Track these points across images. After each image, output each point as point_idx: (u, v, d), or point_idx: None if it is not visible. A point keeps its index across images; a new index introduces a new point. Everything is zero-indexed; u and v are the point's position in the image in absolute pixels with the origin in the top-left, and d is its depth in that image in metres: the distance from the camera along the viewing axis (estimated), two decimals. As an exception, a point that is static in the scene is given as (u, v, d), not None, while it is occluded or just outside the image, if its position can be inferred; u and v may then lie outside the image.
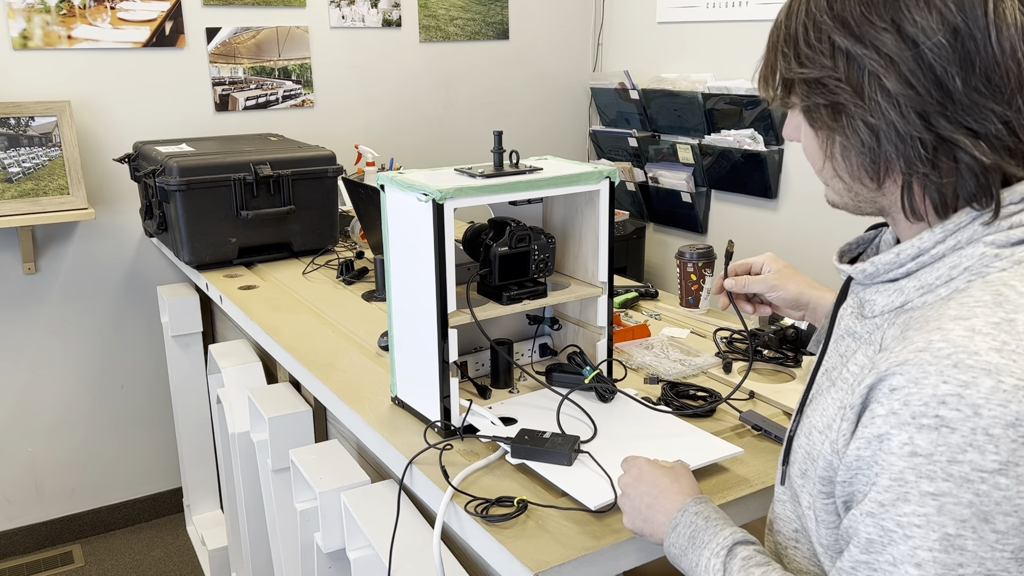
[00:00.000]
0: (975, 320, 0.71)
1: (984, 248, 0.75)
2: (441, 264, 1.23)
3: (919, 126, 0.75)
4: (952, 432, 0.67)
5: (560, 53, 3.46)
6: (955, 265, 0.76)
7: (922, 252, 0.78)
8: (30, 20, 2.47)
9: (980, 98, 0.73)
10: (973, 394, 0.67)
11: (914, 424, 0.68)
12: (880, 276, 0.82)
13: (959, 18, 0.73)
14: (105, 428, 2.87)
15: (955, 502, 0.67)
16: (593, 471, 1.16)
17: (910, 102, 0.74)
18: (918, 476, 0.68)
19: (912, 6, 0.74)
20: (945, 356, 0.69)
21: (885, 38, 0.74)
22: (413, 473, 1.23)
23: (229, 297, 2.07)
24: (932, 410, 0.68)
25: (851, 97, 0.77)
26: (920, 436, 0.68)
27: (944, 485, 0.67)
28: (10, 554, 2.80)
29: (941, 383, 0.68)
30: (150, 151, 2.36)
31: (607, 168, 1.38)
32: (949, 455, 0.67)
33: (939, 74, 0.73)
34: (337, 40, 2.96)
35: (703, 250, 1.88)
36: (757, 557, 0.88)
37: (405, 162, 3.16)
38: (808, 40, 0.79)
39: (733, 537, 0.90)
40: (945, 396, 0.67)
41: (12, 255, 2.60)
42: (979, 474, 0.66)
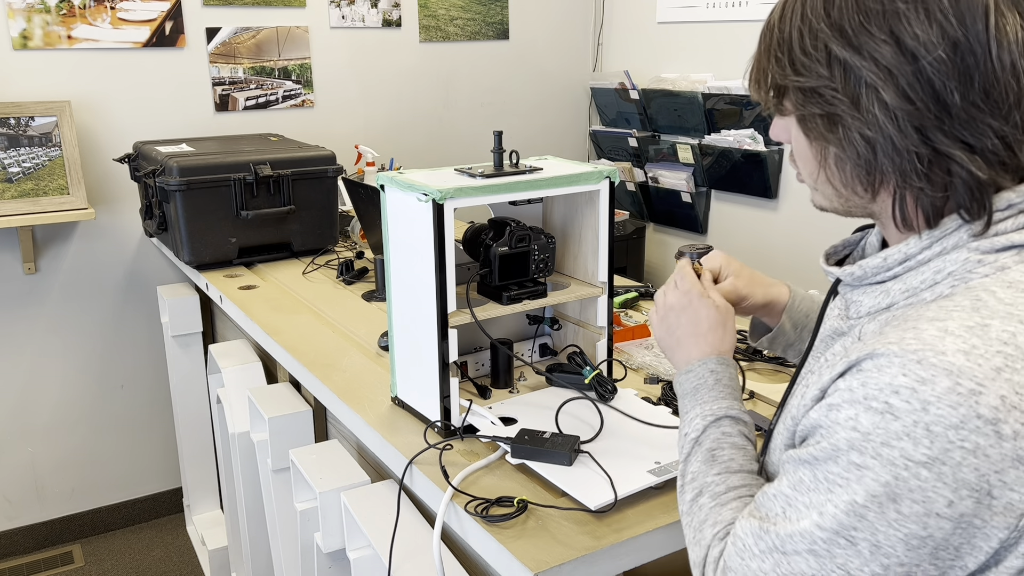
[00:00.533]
0: (950, 322, 0.72)
1: (968, 253, 0.76)
2: (441, 264, 1.23)
3: (916, 140, 0.74)
4: (895, 420, 0.70)
5: (560, 53, 3.46)
6: (939, 270, 0.77)
7: (909, 257, 0.79)
8: (30, 20, 2.47)
9: (978, 113, 0.73)
10: (927, 391, 0.69)
11: (863, 404, 0.72)
12: (867, 279, 0.83)
13: (959, 32, 0.72)
14: (105, 428, 2.87)
15: (873, 478, 0.71)
16: (593, 471, 1.16)
17: (908, 116, 0.74)
18: (850, 447, 0.72)
19: (912, 19, 0.73)
20: (912, 351, 0.71)
21: (884, 50, 0.73)
22: (413, 473, 1.23)
23: (229, 297, 2.07)
24: (884, 396, 0.71)
25: (848, 109, 0.76)
26: (864, 416, 0.72)
27: (870, 461, 0.71)
28: (10, 554, 2.80)
29: (900, 375, 0.70)
30: (150, 151, 2.36)
31: (607, 168, 1.38)
32: (884, 438, 0.70)
33: (938, 88, 0.73)
34: (337, 40, 2.96)
35: (703, 250, 1.88)
36: (737, 439, 0.92)
37: (405, 162, 3.16)
38: (804, 47, 0.78)
39: (727, 411, 0.94)
40: (899, 387, 0.70)
41: (12, 255, 2.60)
42: (905, 461, 0.70)
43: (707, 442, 0.92)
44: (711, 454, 0.91)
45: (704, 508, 0.88)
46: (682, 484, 0.93)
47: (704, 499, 0.88)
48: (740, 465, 0.90)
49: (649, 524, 1.08)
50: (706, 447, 0.92)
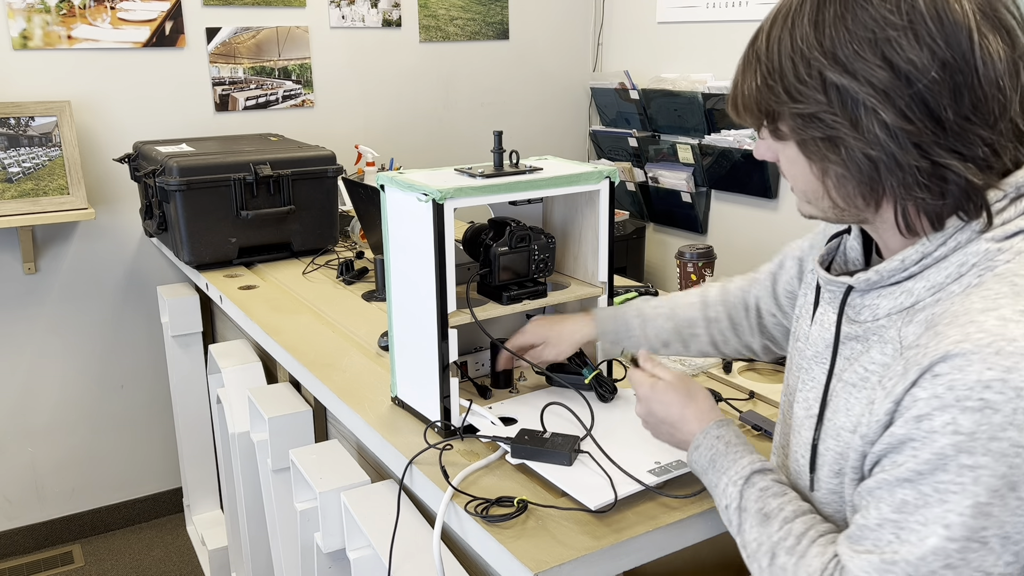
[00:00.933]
0: (1003, 310, 0.75)
1: (987, 244, 0.80)
2: (441, 264, 1.23)
3: (916, 155, 0.79)
4: (995, 413, 0.72)
5: (560, 53, 3.46)
6: (963, 263, 0.81)
7: (926, 255, 0.83)
8: (30, 20, 2.47)
9: (969, 126, 0.78)
10: (1016, 378, 0.72)
11: (958, 406, 0.74)
12: (883, 282, 0.86)
13: (948, 54, 0.77)
14: (105, 428, 2.87)
15: (991, 474, 0.73)
16: (593, 471, 1.16)
17: (907, 134, 0.78)
18: (958, 451, 0.74)
19: (904, 44, 0.77)
20: (986, 344, 0.74)
21: (880, 74, 0.78)
22: (413, 473, 1.23)
23: (229, 297, 2.07)
24: (977, 393, 0.73)
25: (849, 131, 0.80)
26: (963, 417, 0.73)
27: (983, 459, 0.73)
28: (10, 554, 2.80)
29: (986, 369, 0.73)
30: (150, 151, 2.36)
31: (607, 168, 1.38)
32: (991, 433, 0.73)
33: (932, 107, 0.77)
34: (337, 40, 2.96)
35: (703, 250, 1.88)
36: (775, 487, 0.93)
37: (405, 162, 3.16)
38: (799, 75, 0.81)
39: (752, 466, 0.95)
40: (990, 381, 0.73)
41: (12, 255, 2.60)
42: (1015, 449, 0.73)
43: (750, 505, 0.93)
44: (761, 514, 0.91)
45: (788, 567, 0.87)
46: (750, 554, 0.92)
47: (781, 558, 0.87)
48: (794, 511, 0.90)
49: (649, 524, 1.08)
50: (753, 510, 0.92)
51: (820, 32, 0.80)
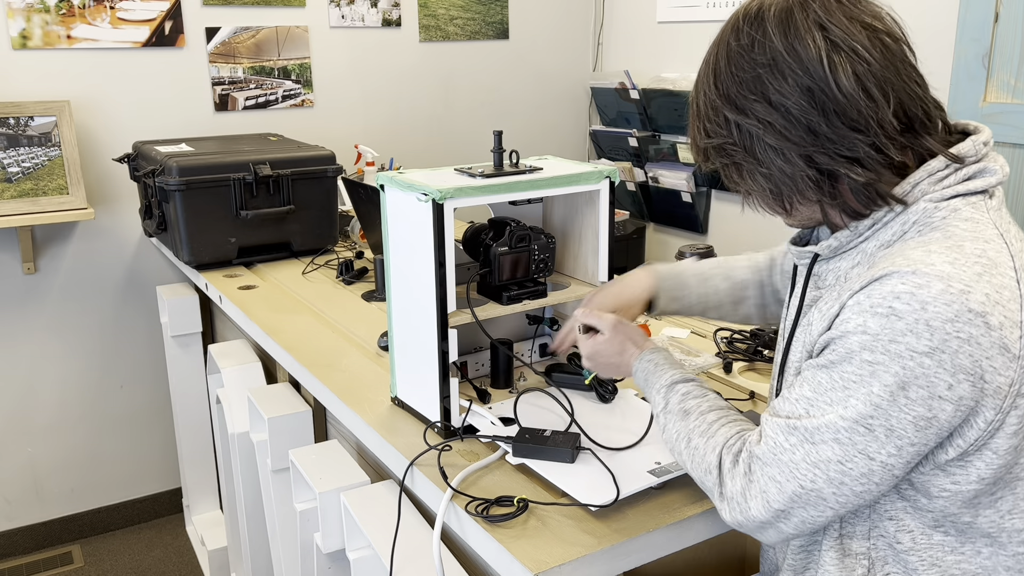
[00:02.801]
0: (931, 246, 0.89)
1: (925, 204, 0.94)
2: (441, 264, 1.23)
3: (802, 166, 0.94)
4: (899, 320, 0.85)
5: (560, 53, 3.46)
6: (905, 221, 0.94)
7: (876, 221, 0.96)
8: (29, 20, 2.47)
9: (845, 131, 0.92)
10: (924, 293, 0.85)
11: (870, 312, 0.87)
12: (843, 248, 1.00)
13: (806, 79, 0.92)
14: (105, 428, 2.87)
15: (885, 370, 0.86)
16: (595, 468, 1.16)
17: (791, 150, 0.94)
18: (862, 348, 0.87)
19: (770, 78, 0.93)
20: (906, 267, 0.87)
21: (757, 107, 0.94)
22: (413, 474, 1.23)
23: (229, 297, 2.07)
24: (888, 302, 0.86)
25: (744, 156, 0.98)
26: (872, 320, 0.87)
27: (881, 357, 0.86)
28: (10, 554, 2.80)
29: (899, 283, 0.86)
30: (150, 151, 2.36)
31: (607, 168, 1.38)
32: (891, 336, 0.85)
33: (807, 123, 0.92)
34: (337, 40, 2.96)
35: (703, 250, 1.88)
36: (696, 391, 1.08)
37: (405, 162, 3.16)
38: (708, 116, 1.00)
39: (673, 377, 1.11)
40: (900, 293, 0.86)
41: (12, 255, 2.60)
42: (911, 353, 0.85)
43: (673, 406, 1.07)
44: (682, 411, 1.06)
45: (699, 446, 1.01)
46: (672, 448, 1.06)
47: (695, 441, 1.02)
48: (710, 406, 1.05)
49: (649, 524, 1.08)
50: (675, 410, 1.07)
51: (718, 79, 0.98)
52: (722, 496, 0.97)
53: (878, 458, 0.88)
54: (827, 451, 0.89)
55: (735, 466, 0.96)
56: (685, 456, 1.03)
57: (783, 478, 0.91)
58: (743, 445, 0.97)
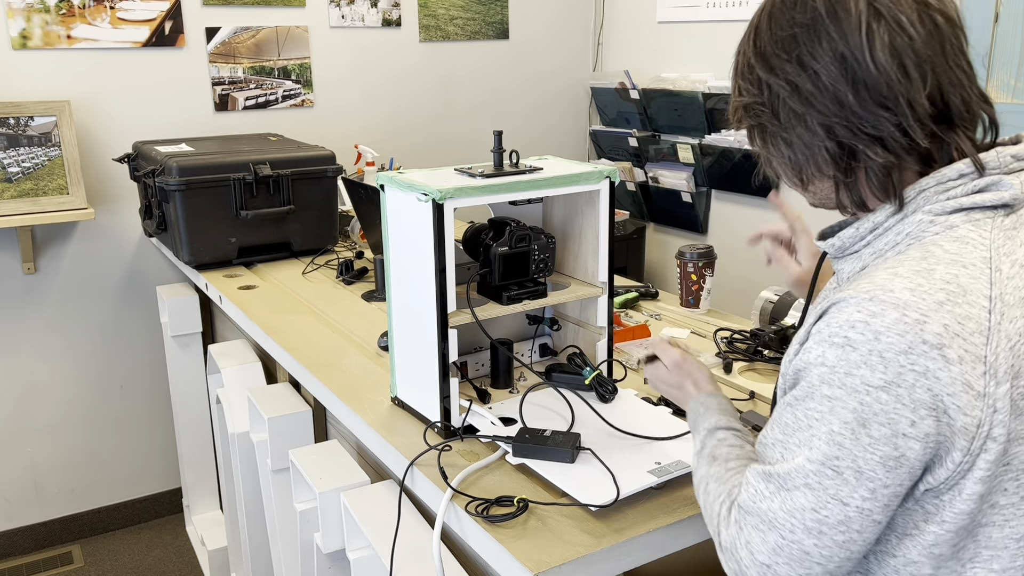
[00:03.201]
0: (900, 268, 0.84)
1: (923, 215, 0.88)
2: (441, 264, 1.23)
3: (823, 136, 0.89)
4: (854, 351, 0.81)
5: (560, 53, 3.46)
6: (900, 231, 0.89)
7: (877, 225, 0.91)
8: (29, 20, 2.47)
9: (872, 107, 0.87)
10: (878, 322, 0.80)
11: (828, 341, 0.83)
12: (847, 249, 0.95)
13: (842, 45, 0.87)
14: (105, 428, 2.87)
15: (843, 406, 0.81)
16: (595, 468, 1.16)
17: (813, 118, 0.89)
18: (821, 381, 0.83)
19: (807, 40, 0.89)
20: (865, 292, 0.83)
21: (788, 68, 0.90)
22: (413, 474, 1.23)
23: (229, 297, 2.07)
24: (843, 332, 0.82)
25: (770, 118, 0.93)
26: (830, 351, 0.83)
27: (838, 391, 0.81)
28: (10, 554, 2.80)
29: (855, 311, 0.82)
30: (150, 151, 2.36)
31: (607, 168, 1.38)
32: (847, 368, 0.81)
33: (834, 92, 0.88)
34: (337, 40, 2.96)
35: (703, 250, 1.88)
36: (732, 440, 1.02)
37: (405, 162, 3.16)
38: (743, 74, 0.96)
39: (718, 423, 1.06)
40: (855, 322, 0.81)
41: (12, 255, 2.60)
42: (866, 387, 0.80)
43: (706, 451, 1.02)
44: (711, 457, 1.01)
45: (711, 492, 0.97)
46: (697, 491, 1.01)
47: (711, 487, 0.97)
48: (737, 455, 0.99)
49: (649, 524, 1.08)
50: (706, 454, 1.02)
51: (757, 36, 0.94)
52: (720, 547, 0.92)
53: (852, 503, 0.82)
54: (800, 498, 0.84)
55: (728, 514, 0.92)
56: (702, 502, 0.99)
57: (764, 527, 0.86)
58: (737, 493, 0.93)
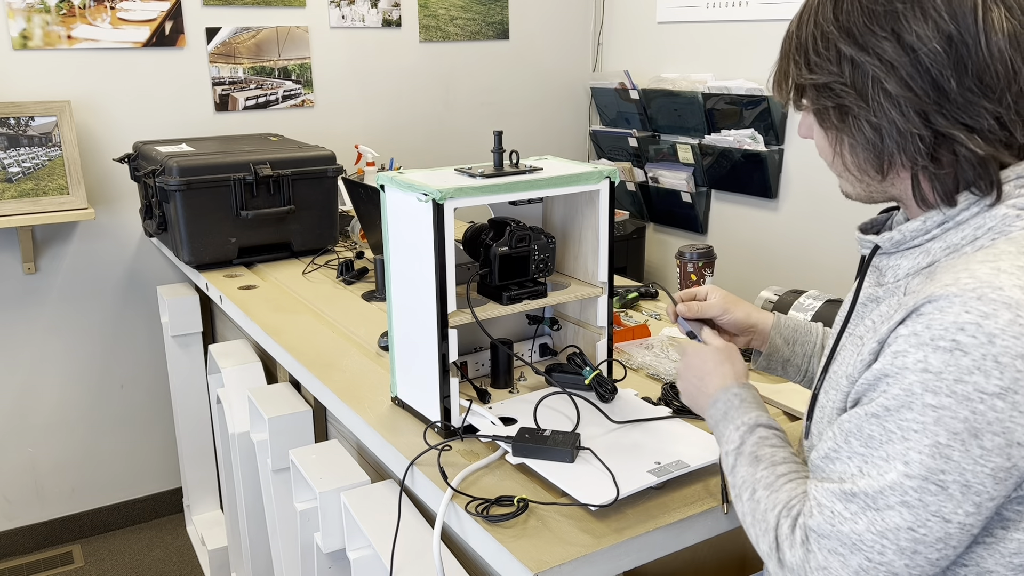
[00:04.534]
0: (1001, 263, 0.77)
1: (1007, 210, 0.82)
2: (441, 264, 1.23)
3: (918, 124, 0.82)
4: (964, 355, 0.74)
5: (560, 53, 3.46)
6: (980, 226, 0.83)
7: (948, 219, 0.85)
8: (30, 20, 2.47)
9: (973, 97, 0.81)
10: (991, 324, 0.74)
11: (931, 345, 0.76)
12: (906, 243, 0.89)
13: (952, 27, 0.80)
14: (105, 428, 2.87)
15: (952, 416, 0.75)
16: (594, 468, 1.16)
17: (909, 103, 0.82)
18: (924, 389, 0.76)
19: (910, 17, 0.81)
20: (971, 290, 0.76)
21: (886, 46, 0.82)
22: (413, 473, 1.23)
23: (229, 297, 2.07)
24: (950, 334, 0.75)
25: (855, 100, 0.85)
26: (934, 356, 0.75)
27: (946, 400, 0.75)
28: (10, 554, 2.80)
29: (963, 312, 0.75)
30: (150, 151, 2.36)
31: (607, 168, 1.38)
32: (957, 375, 0.74)
33: (935, 77, 0.81)
34: (337, 40, 2.96)
35: (703, 250, 1.88)
36: (773, 439, 0.96)
37: (405, 162, 3.16)
38: (817, 49, 0.87)
39: (759, 420, 0.98)
40: (965, 324, 0.75)
41: (12, 255, 2.60)
42: (980, 394, 0.74)
43: (747, 449, 0.96)
44: (754, 457, 0.94)
45: (761, 501, 0.90)
46: (736, 493, 0.95)
47: (760, 493, 0.90)
48: (783, 458, 0.93)
49: (649, 524, 1.08)
50: (747, 453, 0.95)
51: (838, 9, 0.86)
52: (780, 564, 0.85)
53: (955, 519, 0.76)
54: (895, 518, 0.77)
55: (792, 532, 0.84)
56: (746, 508, 0.92)
57: (846, 551, 0.79)
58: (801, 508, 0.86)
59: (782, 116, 2.76)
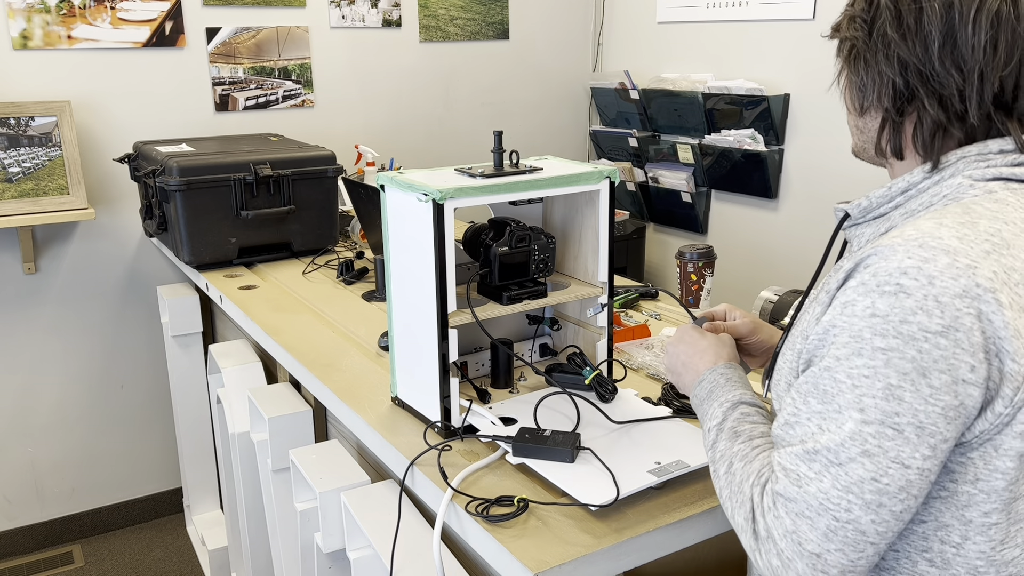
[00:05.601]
0: (944, 219, 0.83)
1: (962, 179, 0.87)
2: (441, 264, 1.23)
3: (896, 70, 0.88)
4: (908, 297, 0.78)
5: (560, 53, 3.46)
6: (936, 193, 0.88)
7: (911, 186, 0.90)
8: (30, 20, 2.47)
9: (948, 63, 0.86)
10: (930, 267, 0.78)
11: (878, 291, 0.79)
12: (873, 210, 0.93)
13: None
14: (105, 428, 2.87)
15: (900, 356, 0.77)
16: (595, 468, 1.16)
17: (899, 50, 0.88)
18: (873, 333, 0.78)
19: None
20: (913, 239, 0.80)
21: None
22: (414, 474, 1.23)
23: (229, 297, 2.07)
24: (894, 279, 0.79)
25: (864, 36, 0.91)
26: (881, 300, 0.79)
27: (894, 341, 0.77)
28: (10, 554, 2.80)
29: (906, 258, 0.79)
30: (150, 151, 2.36)
31: (607, 168, 1.38)
32: (902, 316, 0.77)
33: (926, 35, 0.86)
34: (337, 40, 2.96)
35: (703, 250, 1.88)
36: (754, 416, 0.97)
37: (405, 162, 3.16)
38: None
39: (742, 397, 1.00)
40: (907, 268, 0.78)
41: (12, 255, 2.60)
42: (924, 334, 0.77)
43: (728, 424, 0.97)
44: (733, 432, 0.95)
45: (737, 473, 0.90)
46: (714, 468, 0.95)
47: (736, 466, 0.91)
48: (761, 433, 0.94)
49: (649, 524, 1.08)
50: (728, 428, 0.96)
51: None
52: (755, 535, 0.84)
53: (913, 464, 0.77)
54: (858, 470, 0.78)
55: (762, 499, 0.84)
56: (723, 482, 0.92)
57: (813, 513, 0.79)
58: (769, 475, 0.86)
59: (782, 116, 2.76)
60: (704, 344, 1.11)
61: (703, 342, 1.11)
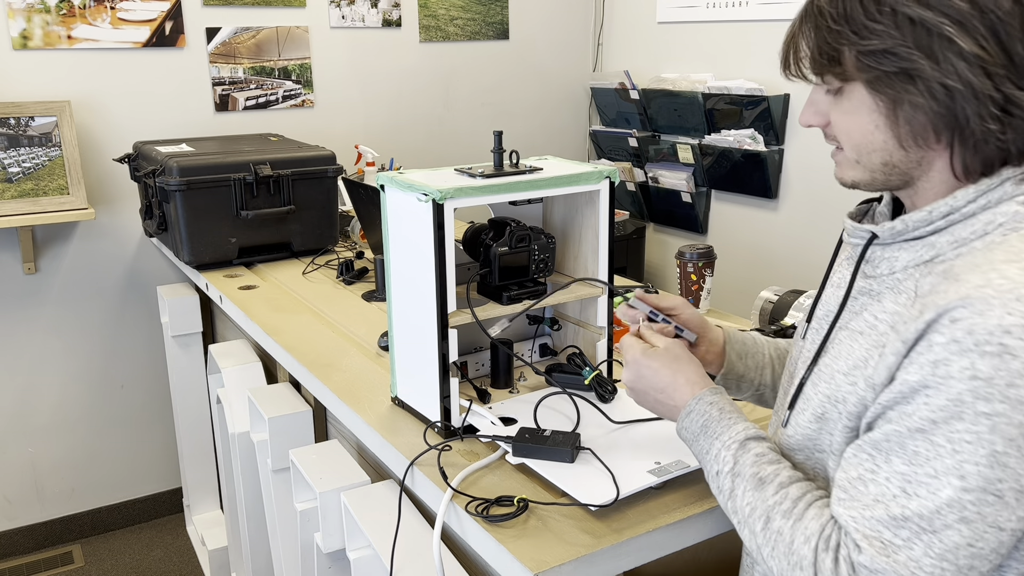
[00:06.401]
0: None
1: (1017, 207, 0.81)
2: (441, 264, 1.23)
3: (989, 85, 0.79)
4: (1014, 359, 0.72)
5: (560, 53, 3.46)
6: (990, 221, 0.81)
7: (954, 210, 0.83)
8: (30, 20, 2.47)
9: None
10: None
11: (977, 351, 0.73)
12: (908, 233, 0.86)
13: None
14: (105, 428, 2.87)
15: (1008, 422, 0.72)
16: (594, 469, 1.16)
17: (982, 63, 0.78)
18: (975, 397, 0.73)
19: None
20: (1008, 291, 0.73)
21: (957, 4, 0.79)
22: (414, 474, 1.23)
23: (229, 297, 2.07)
24: (996, 338, 0.72)
25: (925, 62, 0.80)
26: (982, 362, 0.73)
27: (1000, 407, 0.72)
28: (10, 554, 2.80)
29: (1006, 314, 0.73)
30: (150, 151, 2.36)
31: (607, 168, 1.38)
32: (1008, 379, 0.72)
33: (1003, 38, 0.78)
34: (337, 40, 2.96)
35: (703, 250, 1.88)
36: (769, 455, 0.92)
37: (405, 162, 3.16)
38: (868, 14, 0.82)
39: (746, 432, 0.94)
40: (1010, 326, 0.72)
41: (12, 255, 2.60)
42: None
43: (745, 470, 0.91)
44: (757, 479, 0.90)
45: (784, 531, 0.85)
46: (741, 520, 0.90)
47: (777, 522, 0.86)
48: (789, 477, 0.89)
49: (649, 524, 1.08)
50: (747, 475, 0.91)
51: None
52: None
53: (1008, 526, 0.74)
54: (954, 536, 0.74)
55: (836, 566, 0.79)
56: (761, 539, 0.87)
57: None
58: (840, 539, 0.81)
59: (782, 116, 2.76)
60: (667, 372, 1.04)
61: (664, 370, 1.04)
